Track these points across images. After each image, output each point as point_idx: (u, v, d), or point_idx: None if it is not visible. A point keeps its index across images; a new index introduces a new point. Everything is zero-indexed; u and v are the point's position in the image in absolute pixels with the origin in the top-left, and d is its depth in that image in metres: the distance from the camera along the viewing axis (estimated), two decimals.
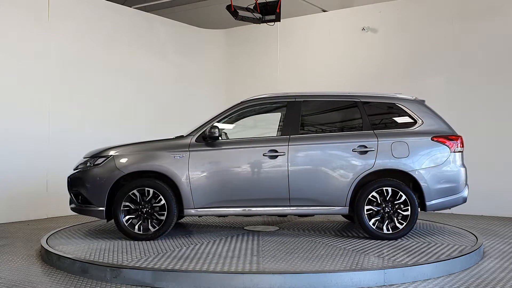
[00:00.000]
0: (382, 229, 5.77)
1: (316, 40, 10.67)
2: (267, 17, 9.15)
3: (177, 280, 4.33)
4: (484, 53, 8.84)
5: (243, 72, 11.60)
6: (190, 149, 5.84)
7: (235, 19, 9.03)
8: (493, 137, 8.70)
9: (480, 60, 8.87)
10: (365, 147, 5.87)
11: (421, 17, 9.51)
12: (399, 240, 5.79)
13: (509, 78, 8.62)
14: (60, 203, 8.55)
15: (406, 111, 6.15)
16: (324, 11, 11.00)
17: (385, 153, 5.85)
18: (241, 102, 6.21)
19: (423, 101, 6.45)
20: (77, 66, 9.04)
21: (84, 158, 6.13)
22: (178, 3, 13.50)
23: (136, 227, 5.74)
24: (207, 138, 5.86)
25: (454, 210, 8.96)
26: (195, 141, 5.90)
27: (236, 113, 6.19)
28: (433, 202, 5.87)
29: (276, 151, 5.85)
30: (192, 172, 5.77)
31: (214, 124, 5.96)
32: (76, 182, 5.99)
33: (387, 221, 5.79)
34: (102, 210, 5.77)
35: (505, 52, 8.66)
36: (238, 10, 8.85)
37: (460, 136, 6.17)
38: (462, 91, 9.00)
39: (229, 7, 8.83)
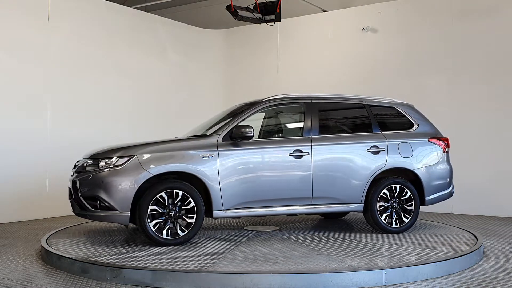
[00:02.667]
0: (391, 224, 6.25)
1: (316, 40, 10.67)
2: (267, 17, 9.14)
3: (177, 280, 4.33)
4: (484, 53, 8.84)
5: (243, 72, 11.60)
6: (218, 149, 5.66)
7: (235, 19, 9.03)
8: (493, 137, 8.70)
9: (480, 60, 8.87)
10: (377, 147, 6.30)
11: (421, 17, 9.50)
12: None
13: (509, 78, 8.62)
14: (60, 203, 8.54)
15: (404, 115, 6.73)
16: (324, 11, 11.00)
17: (394, 153, 6.35)
18: (262, 102, 6.16)
19: (412, 105, 7.00)
20: (77, 66, 9.04)
21: (91, 158, 5.63)
22: (178, 3, 13.50)
23: (164, 232, 5.38)
24: (237, 137, 5.71)
25: (454, 210, 8.97)
26: (222, 140, 5.73)
27: (258, 112, 6.12)
28: (431, 197, 6.53)
29: (301, 151, 5.95)
30: (222, 173, 5.60)
31: (244, 123, 5.85)
32: (92, 186, 5.39)
33: (395, 216, 6.27)
34: (127, 215, 5.31)
35: (505, 52, 8.66)
36: (238, 10, 8.84)
37: (447, 138, 6.86)
38: (462, 91, 9.00)
39: (229, 7, 8.83)
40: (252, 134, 5.69)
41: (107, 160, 5.46)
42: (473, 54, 8.94)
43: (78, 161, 5.93)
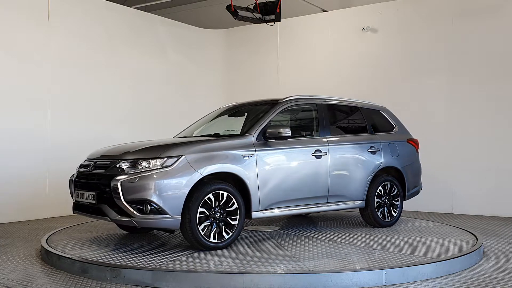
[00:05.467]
0: (385, 218, 6.74)
1: (316, 40, 10.67)
2: (267, 17, 9.14)
3: (177, 280, 4.33)
4: (484, 53, 8.83)
5: (243, 72, 11.60)
6: (256, 149, 5.60)
7: (235, 19, 9.02)
8: (493, 137, 8.70)
9: (480, 60, 8.86)
10: (375, 147, 6.75)
11: (421, 17, 9.50)
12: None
13: (509, 78, 8.62)
14: (60, 203, 8.55)
15: (386, 117, 7.27)
16: (324, 11, 11.00)
17: (386, 153, 6.85)
18: (283, 102, 6.19)
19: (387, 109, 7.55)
20: (77, 66, 9.04)
21: (127, 159, 5.15)
22: (178, 3, 13.50)
23: (212, 235, 5.17)
24: (272, 137, 5.67)
25: (454, 210, 8.97)
26: (256, 140, 5.67)
27: (282, 111, 6.18)
28: (410, 192, 7.17)
29: (320, 151, 6.15)
30: (259, 173, 5.54)
31: (275, 123, 5.94)
32: (140, 188, 4.89)
33: (387, 211, 6.80)
34: (178, 219, 4.99)
35: (505, 52, 8.65)
36: (238, 10, 8.84)
37: (417, 139, 7.53)
38: (462, 91, 9.00)
39: (229, 7, 8.82)
40: (289, 134, 5.69)
41: (152, 160, 5.06)
42: (473, 54, 8.93)
43: (96, 161, 5.48)
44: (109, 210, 5.06)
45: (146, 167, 5.02)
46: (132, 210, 4.90)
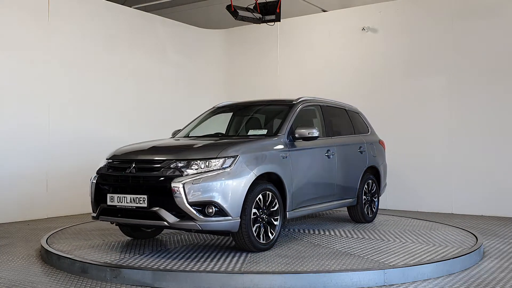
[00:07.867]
0: (368, 214, 7.19)
1: (316, 40, 10.67)
2: (267, 17, 9.15)
3: (177, 280, 4.33)
4: (484, 53, 8.83)
5: (243, 72, 11.60)
6: (289, 149, 5.64)
7: (235, 19, 9.03)
8: (493, 137, 8.69)
9: (480, 60, 8.86)
10: (362, 148, 7.15)
11: (421, 17, 9.50)
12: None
13: (509, 78, 8.61)
14: (60, 203, 8.56)
15: (363, 120, 7.69)
16: (324, 11, 11.00)
17: (369, 153, 7.29)
18: (298, 102, 6.27)
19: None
20: (77, 66, 9.04)
21: (183, 159, 4.90)
22: (178, 3, 13.50)
23: (261, 236, 5.11)
24: (301, 137, 5.74)
25: (454, 210, 8.97)
26: (287, 140, 5.69)
27: (300, 111, 6.24)
28: (383, 190, 7.70)
29: (330, 151, 6.41)
30: (293, 173, 5.59)
31: (301, 124, 6.02)
32: (204, 190, 4.71)
33: (369, 207, 7.25)
34: (238, 221, 4.85)
35: (505, 52, 8.65)
36: (238, 10, 8.84)
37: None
38: (462, 91, 9.00)
39: (229, 7, 8.82)
40: (317, 135, 5.80)
41: (211, 160, 4.88)
42: (473, 54, 8.93)
43: (137, 161, 5.10)
44: (167, 214, 4.74)
45: (204, 167, 4.85)
46: (196, 213, 4.69)
